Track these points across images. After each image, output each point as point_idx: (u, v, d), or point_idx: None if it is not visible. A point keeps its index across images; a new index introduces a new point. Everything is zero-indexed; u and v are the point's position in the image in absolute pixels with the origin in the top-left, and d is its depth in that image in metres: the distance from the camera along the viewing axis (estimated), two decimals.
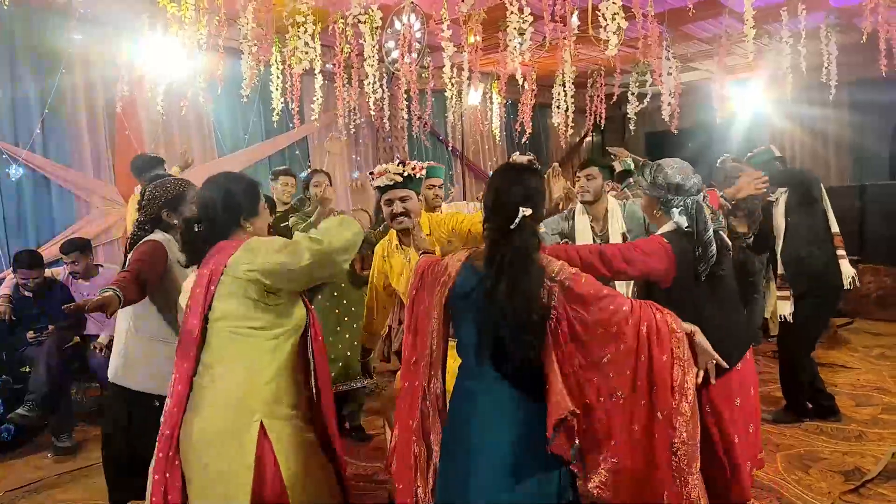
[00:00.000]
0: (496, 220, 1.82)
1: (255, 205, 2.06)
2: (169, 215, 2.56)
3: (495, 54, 6.12)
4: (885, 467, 3.20)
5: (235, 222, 2.00)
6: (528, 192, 1.82)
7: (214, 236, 1.97)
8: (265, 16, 4.58)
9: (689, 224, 2.27)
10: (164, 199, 2.56)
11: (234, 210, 1.99)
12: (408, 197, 2.59)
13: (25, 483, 3.52)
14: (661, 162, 2.39)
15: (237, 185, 2.04)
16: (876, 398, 4.24)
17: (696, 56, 8.02)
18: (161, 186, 2.61)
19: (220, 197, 1.99)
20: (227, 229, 1.98)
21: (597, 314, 1.74)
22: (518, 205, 1.78)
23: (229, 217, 1.99)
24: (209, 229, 1.98)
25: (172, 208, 2.56)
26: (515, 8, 3.94)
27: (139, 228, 2.58)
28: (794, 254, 3.81)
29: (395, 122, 7.25)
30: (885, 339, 5.73)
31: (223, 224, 1.99)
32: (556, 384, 1.72)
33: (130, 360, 2.52)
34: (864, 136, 8.53)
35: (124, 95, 4.95)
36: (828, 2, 5.92)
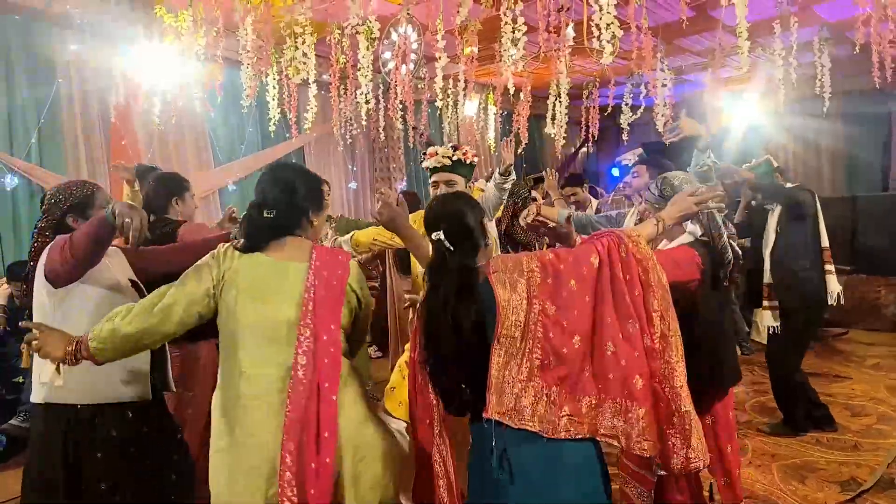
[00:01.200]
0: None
1: (322, 199, 2.05)
2: (75, 221, 2.24)
3: (491, 65, 6.16)
4: (881, 477, 3.20)
5: (305, 216, 1.96)
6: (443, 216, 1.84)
7: (282, 226, 1.92)
8: (263, 27, 4.60)
9: (702, 232, 2.30)
10: (69, 203, 2.25)
11: (306, 203, 1.96)
12: (454, 181, 2.61)
13: (17, 495, 3.48)
14: (668, 175, 2.41)
15: (310, 179, 2.01)
16: (871, 408, 4.24)
17: (690, 69, 8.09)
18: (66, 190, 2.29)
19: (295, 187, 1.94)
20: (296, 221, 1.94)
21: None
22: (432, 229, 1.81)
23: (300, 210, 1.95)
24: (279, 218, 1.90)
25: (79, 213, 2.25)
26: (509, 18, 3.96)
27: (40, 235, 2.23)
28: (785, 269, 3.82)
29: (390, 132, 7.28)
30: (880, 350, 5.75)
31: (294, 215, 1.94)
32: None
33: (71, 369, 1.97)
34: (857, 147, 8.61)
35: (120, 105, 4.95)
36: (820, 15, 5.99)
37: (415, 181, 8.39)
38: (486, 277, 1.74)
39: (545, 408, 1.65)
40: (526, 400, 1.65)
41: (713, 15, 5.64)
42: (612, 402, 1.67)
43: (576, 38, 4.49)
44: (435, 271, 1.79)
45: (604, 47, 3.50)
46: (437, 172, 2.62)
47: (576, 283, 1.70)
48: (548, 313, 1.69)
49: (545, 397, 1.66)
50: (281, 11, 4.56)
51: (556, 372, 1.67)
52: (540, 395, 1.66)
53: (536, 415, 1.65)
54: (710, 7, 5.36)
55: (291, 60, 4.55)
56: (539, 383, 1.66)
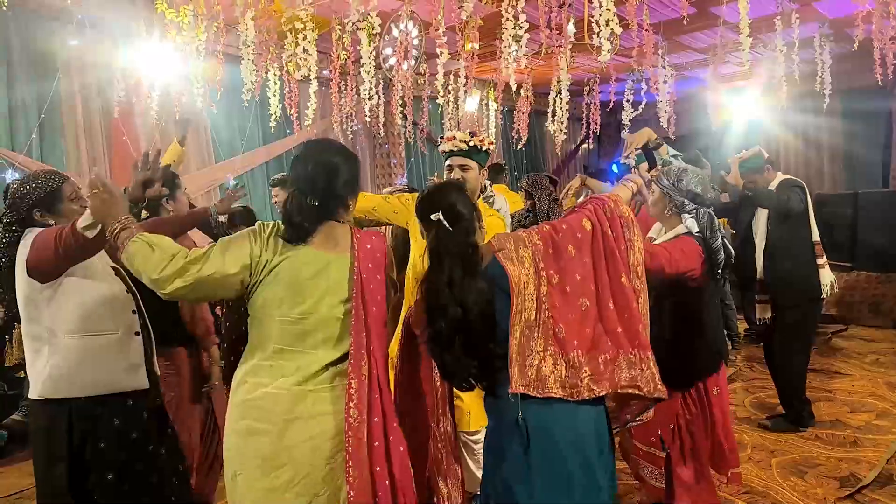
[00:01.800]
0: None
1: (359, 179, 1.94)
2: (42, 216, 2.13)
3: (492, 62, 6.16)
4: (880, 473, 3.21)
5: (344, 201, 1.87)
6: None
7: (324, 213, 1.82)
8: (264, 22, 4.60)
9: (699, 230, 2.44)
10: (35, 197, 2.12)
11: (346, 187, 1.85)
12: (468, 167, 2.64)
13: (18, 490, 3.50)
14: (689, 170, 2.55)
15: (349, 159, 1.89)
16: (870, 404, 4.25)
17: (691, 65, 8.09)
18: (31, 181, 2.15)
19: (335, 171, 1.83)
20: (336, 206, 1.85)
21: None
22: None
23: (342, 194, 1.85)
24: (323, 205, 1.81)
25: (46, 208, 2.14)
26: (511, 15, 3.96)
27: (6, 230, 2.12)
28: (780, 265, 3.80)
29: (391, 128, 7.28)
30: (879, 346, 5.76)
31: (337, 201, 1.84)
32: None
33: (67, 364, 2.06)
34: (857, 144, 8.60)
35: (121, 100, 4.95)
36: (821, 12, 5.99)
37: (415, 177, 8.39)
38: (493, 256, 1.82)
39: (566, 372, 1.74)
40: (546, 369, 1.74)
41: (714, 12, 5.64)
42: (626, 354, 1.78)
43: (577, 35, 4.50)
44: (436, 252, 1.81)
45: (603, 44, 3.51)
46: (453, 157, 2.65)
47: (573, 248, 1.82)
48: (552, 282, 1.79)
49: (564, 363, 1.75)
50: (283, 6, 4.55)
51: (571, 336, 1.76)
52: (559, 362, 1.75)
53: (559, 381, 1.73)
54: (711, 4, 5.36)
55: (292, 56, 4.55)
56: (556, 350, 1.75)
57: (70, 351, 2.07)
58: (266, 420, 1.73)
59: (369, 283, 1.81)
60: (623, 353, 1.77)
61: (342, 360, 1.78)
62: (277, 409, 1.72)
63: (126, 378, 2.16)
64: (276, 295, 1.76)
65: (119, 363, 2.15)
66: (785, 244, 3.80)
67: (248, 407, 1.76)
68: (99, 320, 2.11)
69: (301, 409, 1.73)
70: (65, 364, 2.06)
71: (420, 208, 1.89)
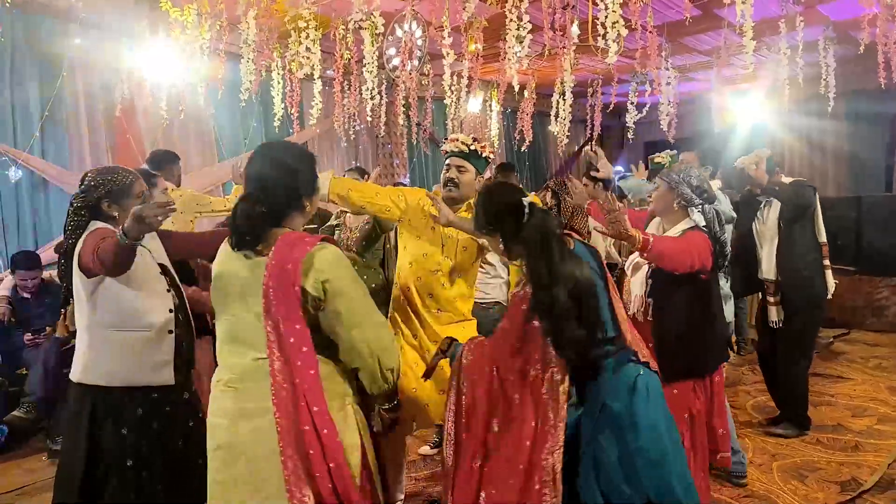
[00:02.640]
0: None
1: (316, 179, 1.88)
2: (109, 206, 2.29)
3: (495, 63, 6.15)
4: (881, 478, 3.20)
5: (299, 202, 1.81)
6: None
7: (275, 217, 1.77)
8: (267, 21, 4.60)
9: (705, 224, 2.57)
10: (107, 188, 2.28)
11: (298, 188, 1.80)
12: (465, 169, 2.71)
13: (18, 486, 3.50)
14: (693, 166, 2.73)
15: (301, 159, 1.83)
16: (872, 409, 4.24)
17: (695, 67, 8.08)
18: (107, 174, 2.33)
19: (285, 174, 1.78)
20: (289, 210, 1.80)
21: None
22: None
23: (293, 197, 1.80)
24: (271, 209, 1.75)
25: (115, 200, 2.29)
26: (515, 16, 3.96)
27: (76, 214, 2.30)
28: (792, 268, 3.76)
29: (394, 128, 7.28)
30: (882, 350, 5.74)
31: (287, 204, 1.79)
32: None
33: (98, 354, 2.25)
34: (861, 147, 8.58)
35: (125, 99, 4.96)
36: (826, 16, 5.97)
37: (418, 177, 8.40)
38: (577, 240, 2.09)
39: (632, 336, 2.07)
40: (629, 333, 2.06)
41: (718, 13, 5.63)
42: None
43: (581, 37, 4.49)
44: (541, 233, 1.92)
45: (609, 46, 3.50)
46: (453, 157, 2.73)
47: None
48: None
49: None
50: (285, 6, 4.56)
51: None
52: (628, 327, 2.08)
53: (634, 343, 2.04)
54: (714, 6, 5.35)
55: (295, 55, 4.56)
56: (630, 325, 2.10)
57: (104, 343, 2.24)
58: (220, 414, 1.77)
59: (276, 283, 1.68)
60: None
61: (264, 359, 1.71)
62: (226, 405, 1.76)
63: (151, 374, 2.26)
64: (218, 297, 1.81)
65: (147, 360, 2.25)
66: (798, 247, 3.76)
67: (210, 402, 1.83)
68: (133, 318, 2.22)
69: (241, 405, 1.73)
70: (97, 354, 2.24)
71: (505, 200, 2.00)
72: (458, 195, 2.70)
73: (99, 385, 2.22)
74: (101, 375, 2.22)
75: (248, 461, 1.71)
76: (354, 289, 1.76)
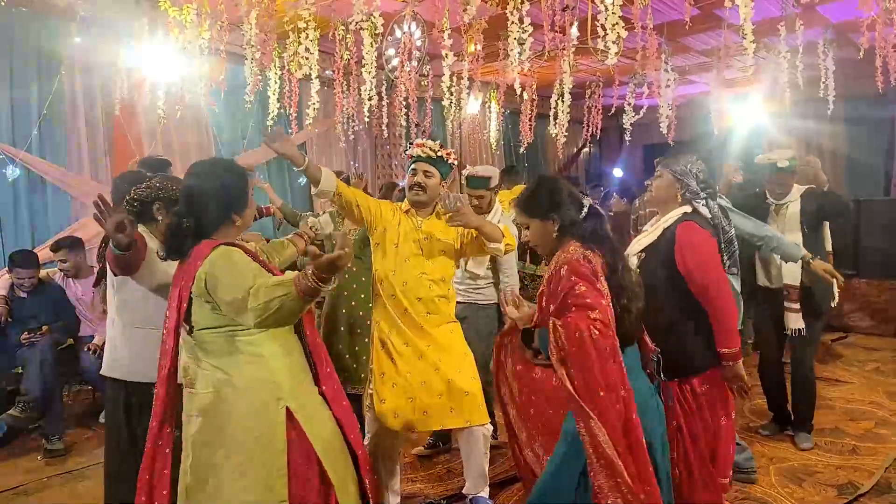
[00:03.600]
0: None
1: (246, 195, 1.97)
2: (158, 211, 2.45)
3: (495, 63, 6.15)
4: (878, 482, 3.20)
5: (226, 216, 1.92)
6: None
7: (203, 230, 1.88)
8: (266, 21, 4.59)
9: (712, 217, 2.51)
10: (164, 193, 2.44)
11: (225, 204, 1.90)
12: (431, 174, 2.77)
13: (14, 486, 3.48)
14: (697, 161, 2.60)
15: (228, 174, 1.95)
16: (870, 413, 4.24)
17: (694, 69, 8.08)
18: (168, 181, 2.52)
19: (210, 189, 1.89)
20: (217, 223, 1.91)
21: None
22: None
23: (220, 211, 1.90)
24: (198, 223, 1.87)
25: (166, 207, 2.43)
26: (516, 18, 3.96)
27: (129, 205, 2.45)
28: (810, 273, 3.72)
29: (393, 129, 7.27)
30: (880, 354, 5.74)
31: (214, 219, 1.90)
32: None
33: (119, 348, 2.44)
34: (860, 151, 8.58)
35: (123, 98, 4.95)
36: (826, 18, 5.98)
37: None
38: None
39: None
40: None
41: (718, 13, 5.63)
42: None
43: (580, 38, 4.49)
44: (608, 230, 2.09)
45: (609, 48, 3.49)
46: (420, 161, 2.77)
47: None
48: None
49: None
50: (285, 6, 4.55)
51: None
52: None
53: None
54: (714, 6, 5.34)
55: (294, 55, 4.55)
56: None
57: (127, 338, 2.38)
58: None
59: (179, 279, 1.91)
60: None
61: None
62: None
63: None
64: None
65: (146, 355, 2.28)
66: (817, 250, 3.74)
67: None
68: (157, 316, 2.23)
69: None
70: (119, 348, 2.40)
71: (569, 189, 2.13)
72: (425, 199, 2.77)
73: (122, 379, 2.39)
74: (122, 370, 2.38)
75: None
76: (228, 273, 1.81)
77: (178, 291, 1.89)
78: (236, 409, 1.84)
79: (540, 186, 2.18)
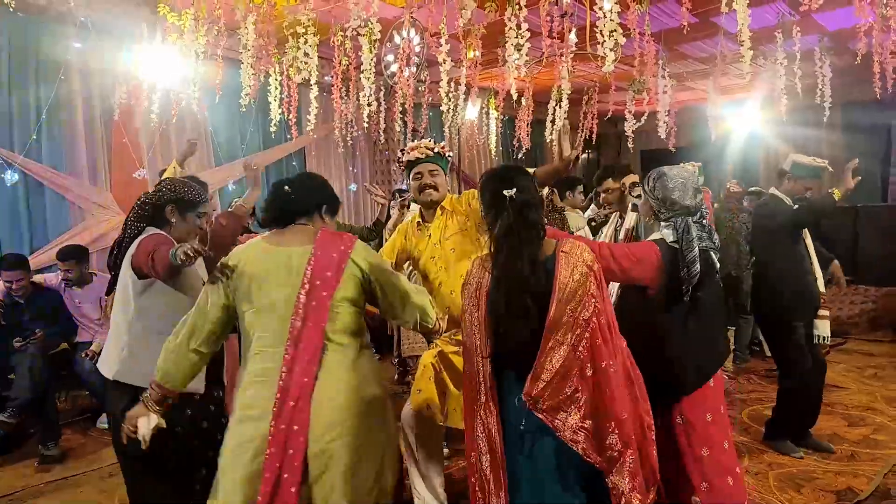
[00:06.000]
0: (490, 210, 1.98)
1: (337, 208, 2.22)
2: (171, 212, 2.45)
3: (493, 69, 6.16)
4: (877, 488, 3.19)
5: (318, 209, 2.10)
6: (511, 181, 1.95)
7: (295, 209, 2.05)
8: (265, 26, 4.60)
9: (674, 239, 2.29)
10: (178, 194, 2.45)
11: (326, 200, 2.13)
12: (436, 171, 2.78)
13: (9, 492, 3.47)
14: (665, 171, 2.38)
15: (331, 188, 2.23)
16: (868, 418, 4.23)
17: (691, 76, 8.11)
18: (183, 182, 2.52)
19: (322, 185, 2.16)
20: (308, 210, 2.07)
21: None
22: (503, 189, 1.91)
23: (318, 202, 2.10)
24: (296, 200, 2.05)
25: (179, 209, 2.46)
26: (514, 24, 3.97)
27: (140, 208, 2.44)
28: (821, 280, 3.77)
29: (391, 134, 7.28)
30: (878, 360, 5.74)
31: (310, 204, 2.08)
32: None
33: (136, 355, 2.32)
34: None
35: (122, 103, 4.95)
36: (822, 25, 6.01)
37: None
38: (555, 251, 1.89)
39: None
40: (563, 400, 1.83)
41: (715, 21, 5.65)
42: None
43: (578, 44, 4.50)
44: (509, 227, 1.87)
45: (606, 55, 3.50)
46: (422, 164, 2.77)
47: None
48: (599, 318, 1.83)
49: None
50: (284, 11, 4.56)
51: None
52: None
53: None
54: (712, 14, 5.37)
55: (293, 61, 4.56)
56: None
57: (145, 346, 2.27)
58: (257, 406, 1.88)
59: (321, 261, 1.94)
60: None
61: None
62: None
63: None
64: (245, 289, 1.97)
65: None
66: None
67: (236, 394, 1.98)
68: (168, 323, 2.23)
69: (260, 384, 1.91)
70: (136, 355, 2.30)
71: (492, 185, 1.94)
72: (438, 196, 2.78)
73: (133, 385, 2.28)
74: (136, 377, 2.28)
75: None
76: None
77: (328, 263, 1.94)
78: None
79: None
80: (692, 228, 2.28)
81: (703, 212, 2.39)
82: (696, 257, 2.23)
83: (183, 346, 1.97)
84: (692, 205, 2.32)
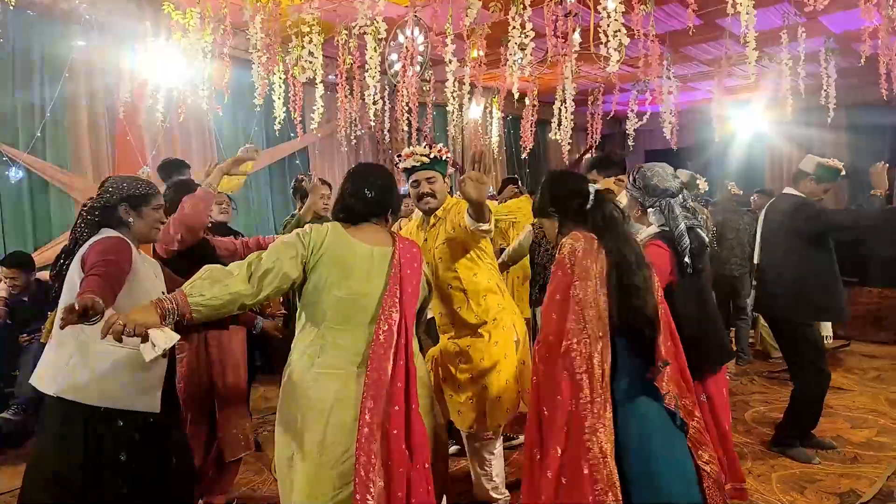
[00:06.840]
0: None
1: (399, 209, 2.36)
2: (126, 211, 2.22)
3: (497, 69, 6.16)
4: (880, 490, 3.18)
5: (385, 212, 2.18)
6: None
7: (369, 211, 2.12)
8: (270, 25, 4.60)
9: (662, 222, 2.49)
10: (129, 191, 2.23)
11: (397, 206, 2.26)
12: (434, 178, 2.72)
13: (10, 489, 3.47)
14: (645, 166, 2.58)
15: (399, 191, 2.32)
16: (871, 421, 4.22)
17: (696, 77, 8.10)
18: (130, 179, 2.31)
19: (395, 186, 2.22)
20: (379, 212, 2.15)
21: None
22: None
23: (388, 206, 2.18)
24: (372, 204, 2.12)
25: (133, 206, 2.23)
26: (518, 24, 3.97)
27: (89, 213, 2.21)
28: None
29: (395, 133, 7.28)
30: (881, 362, 5.73)
31: (387, 207, 2.17)
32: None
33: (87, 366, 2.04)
34: (861, 158, 8.55)
35: (127, 102, 4.96)
36: (827, 27, 5.99)
37: None
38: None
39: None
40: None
41: (720, 23, 5.64)
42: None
43: (582, 44, 4.50)
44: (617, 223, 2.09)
45: (610, 55, 3.50)
46: (417, 171, 2.71)
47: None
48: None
49: None
50: (289, 10, 4.56)
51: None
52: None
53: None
54: (717, 16, 5.36)
55: (298, 59, 4.56)
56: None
57: (94, 357, 2.05)
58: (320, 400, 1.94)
59: (407, 269, 2.06)
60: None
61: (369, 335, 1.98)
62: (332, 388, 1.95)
63: (140, 398, 2.13)
64: (323, 274, 2.00)
65: (137, 382, 2.11)
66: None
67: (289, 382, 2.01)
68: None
69: (332, 377, 1.96)
70: (86, 369, 2.04)
71: (571, 181, 2.20)
72: (436, 203, 2.74)
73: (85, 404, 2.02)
74: (87, 393, 2.02)
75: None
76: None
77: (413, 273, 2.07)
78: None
79: (541, 186, 2.28)
80: (676, 208, 2.48)
81: (686, 195, 2.56)
82: (683, 232, 2.43)
83: (231, 282, 1.84)
84: (671, 186, 2.50)
